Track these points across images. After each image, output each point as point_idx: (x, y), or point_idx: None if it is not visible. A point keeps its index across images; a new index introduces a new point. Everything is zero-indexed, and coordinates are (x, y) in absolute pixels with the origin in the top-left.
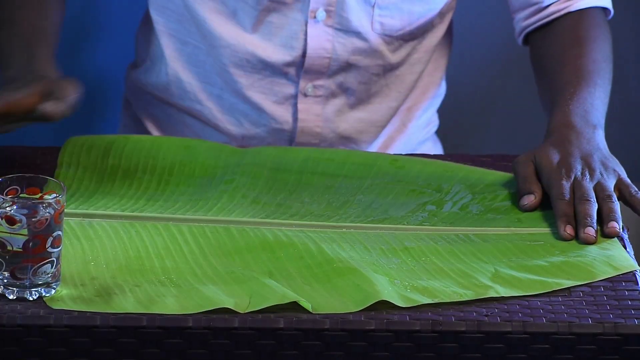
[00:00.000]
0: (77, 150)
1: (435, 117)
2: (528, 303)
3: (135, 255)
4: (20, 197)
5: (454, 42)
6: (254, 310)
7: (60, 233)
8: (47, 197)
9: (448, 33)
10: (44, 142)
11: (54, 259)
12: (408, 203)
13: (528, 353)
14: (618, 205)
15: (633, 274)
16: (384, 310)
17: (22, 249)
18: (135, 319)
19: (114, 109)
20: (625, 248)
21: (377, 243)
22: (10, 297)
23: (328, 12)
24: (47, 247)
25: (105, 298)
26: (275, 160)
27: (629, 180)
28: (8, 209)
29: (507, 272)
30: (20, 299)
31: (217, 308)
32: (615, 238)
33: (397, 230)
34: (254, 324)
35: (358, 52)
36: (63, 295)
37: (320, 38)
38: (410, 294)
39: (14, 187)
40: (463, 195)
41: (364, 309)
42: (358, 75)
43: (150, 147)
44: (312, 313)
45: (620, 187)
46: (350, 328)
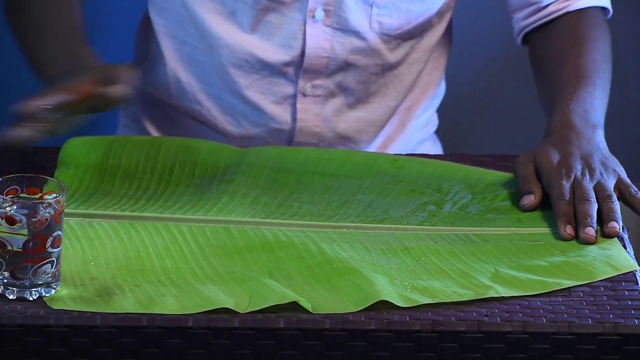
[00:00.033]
0: (77, 150)
1: (435, 116)
2: (528, 303)
3: (135, 255)
4: (20, 197)
5: (454, 41)
6: (254, 310)
7: (60, 233)
8: (47, 197)
9: (447, 33)
10: (44, 142)
11: (54, 259)
12: (408, 203)
13: (528, 353)
14: (618, 205)
15: (633, 274)
16: (384, 310)
17: (22, 249)
18: (135, 319)
19: (115, 109)
20: (625, 248)
21: (377, 243)
22: (10, 297)
23: (326, 11)
24: (47, 247)
25: (105, 298)
26: (276, 160)
27: (629, 180)
28: (8, 209)
29: (507, 272)
30: (20, 299)
31: (217, 308)
32: (615, 238)
33: (397, 230)
34: (254, 324)
35: (357, 51)
36: (63, 295)
37: (319, 38)
38: (410, 294)
39: (14, 187)
40: (463, 195)
41: (364, 309)
42: (357, 75)
43: (150, 147)
44: (312, 313)
45: (620, 187)
46: (350, 328)
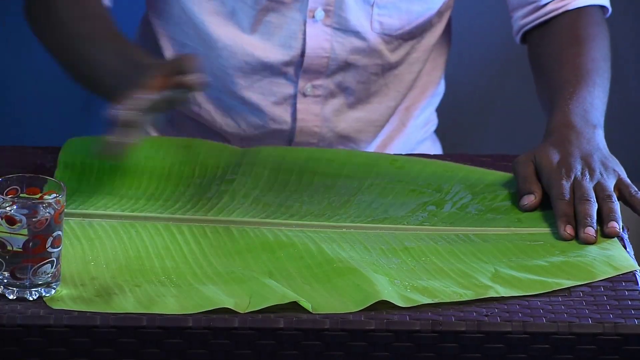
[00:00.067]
0: (77, 150)
1: (434, 116)
2: (528, 303)
3: (135, 255)
4: (20, 197)
5: (454, 41)
6: (254, 310)
7: (60, 233)
8: (47, 197)
9: (446, 32)
10: (44, 142)
11: (54, 259)
12: (408, 203)
13: (528, 353)
14: (618, 205)
15: (633, 274)
16: (384, 310)
17: (22, 249)
18: (135, 319)
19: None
20: (625, 248)
21: (377, 243)
22: (10, 297)
23: (327, 11)
24: (47, 247)
25: (105, 298)
26: (276, 161)
27: (629, 180)
28: (8, 209)
29: (507, 272)
30: (20, 299)
31: (217, 308)
32: (615, 238)
33: (397, 230)
34: (254, 324)
35: (357, 51)
36: (63, 295)
37: (319, 38)
38: (410, 294)
39: (14, 187)
40: (463, 195)
41: (364, 309)
42: (357, 75)
43: (150, 147)
44: (312, 313)
45: (620, 187)
46: (350, 328)
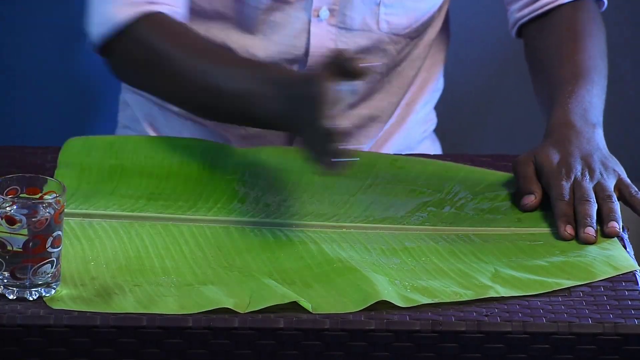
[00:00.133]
0: (77, 150)
1: (434, 114)
2: (528, 303)
3: (135, 255)
4: (20, 197)
5: (452, 41)
6: (254, 310)
7: (60, 233)
8: (47, 197)
9: (445, 27)
10: (44, 142)
11: (54, 259)
12: (408, 203)
13: (528, 353)
14: (618, 205)
15: (633, 274)
16: (384, 310)
17: (22, 249)
18: (135, 319)
19: (114, 109)
20: (625, 248)
21: (377, 243)
22: (10, 297)
23: (331, 10)
24: (47, 247)
25: (105, 298)
26: (275, 160)
27: (629, 180)
28: (8, 209)
29: (507, 272)
30: (20, 299)
31: (217, 308)
32: (615, 238)
33: (397, 230)
34: (254, 324)
35: (362, 50)
36: (63, 295)
37: (323, 37)
38: (410, 294)
39: (14, 187)
40: (463, 196)
41: (364, 309)
42: None
43: (150, 147)
44: (312, 313)
45: (620, 187)
46: (350, 328)
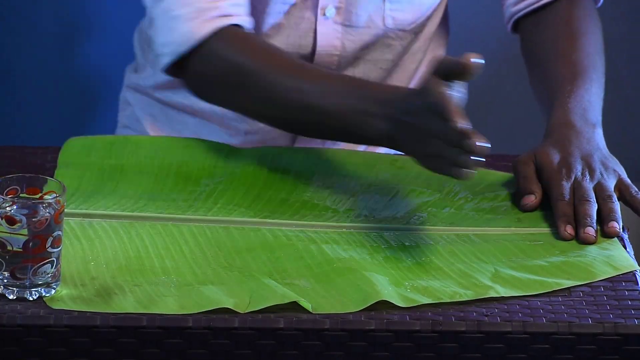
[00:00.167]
0: (77, 150)
1: None
2: (528, 303)
3: (135, 255)
4: (20, 197)
5: (452, 40)
6: (254, 310)
7: (60, 233)
8: (47, 197)
9: (444, 21)
10: (44, 142)
11: (54, 259)
12: (408, 203)
13: (528, 353)
14: (618, 206)
15: (633, 274)
16: (384, 310)
17: (22, 249)
18: (135, 319)
19: (114, 109)
20: (625, 248)
21: (377, 243)
22: (10, 297)
23: (338, 8)
24: (47, 247)
25: (105, 298)
26: (275, 160)
27: (629, 181)
28: (8, 209)
29: (507, 272)
30: (20, 299)
31: (217, 308)
32: (615, 238)
33: (397, 230)
34: (254, 324)
35: (367, 47)
36: (63, 295)
37: (330, 36)
38: (410, 294)
39: (14, 187)
40: (463, 196)
41: (364, 309)
42: (366, 70)
43: (150, 147)
44: (312, 313)
45: (621, 187)
46: (350, 328)
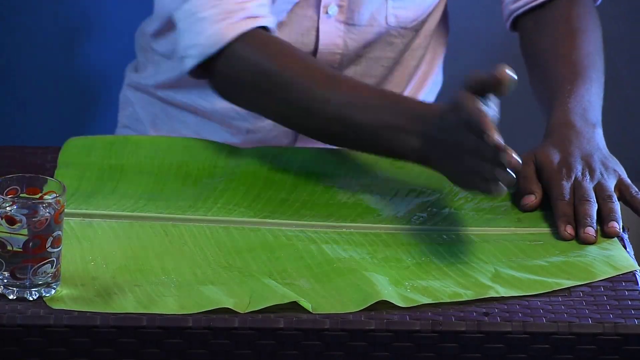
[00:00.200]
0: (77, 150)
1: None
2: (528, 303)
3: (135, 255)
4: (20, 197)
5: (452, 40)
6: (254, 310)
7: (60, 233)
8: (47, 197)
9: (444, 18)
10: (44, 142)
11: (54, 259)
12: (408, 203)
13: (528, 353)
14: (618, 206)
15: (633, 274)
16: (384, 310)
17: (22, 249)
18: (135, 319)
19: (114, 109)
20: (625, 248)
21: (377, 243)
22: (10, 297)
23: (340, 7)
24: (47, 247)
25: (105, 298)
26: (275, 160)
27: (629, 181)
28: (8, 209)
29: (507, 272)
30: (20, 299)
31: (217, 308)
32: (615, 238)
33: (397, 230)
34: (254, 324)
35: (369, 45)
36: (63, 295)
37: (332, 34)
38: (410, 294)
39: (14, 187)
40: (463, 196)
41: (364, 309)
42: (368, 67)
43: (150, 147)
44: (312, 313)
45: (621, 187)
46: (350, 328)
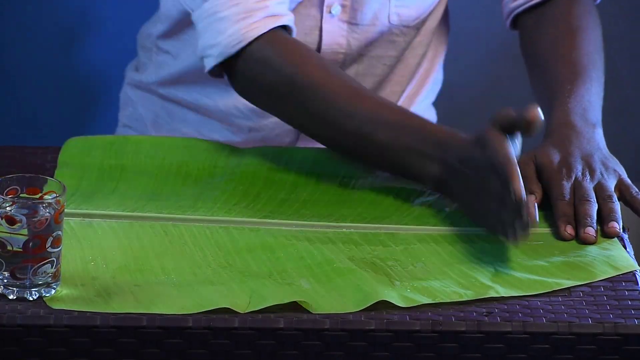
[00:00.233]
0: (77, 150)
1: (433, 111)
2: (528, 303)
3: (135, 255)
4: (20, 197)
5: (452, 40)
6: (254, 310)
7: (60, 233)
8: (47, 197)
9: (445, 16)
10: (44, 142)
11: (54, 259)
12: (408, 203)
13: (528, 353)
14: (618, 206)
15: (633, 274)
16: (384, 310)
17: (22, 249)
18: (135, 319)
19: (114, 109)
20: (625, 248)
21: (376, 243)
22: (10, 297)
23: (343, 6)
24: (47, 247)
25: (105, 298)
26: (275, 160)
27: (630, 181)
28: (8, 209)
29: (507, 272)
30: (20, 299)
31: (217, 308)
32: (615, 238)
33: (396, 230)
34: (254, 324)
35: (372, 44)
36: (63, 295)
37: (335, 34)
38: (410, 294)
39: (14, 187)
40: None
41: (364, 309)
42: (370, 66)
43: (150, 147)
44: (312, 313)
45: (621, 187)
46: (350, 328)
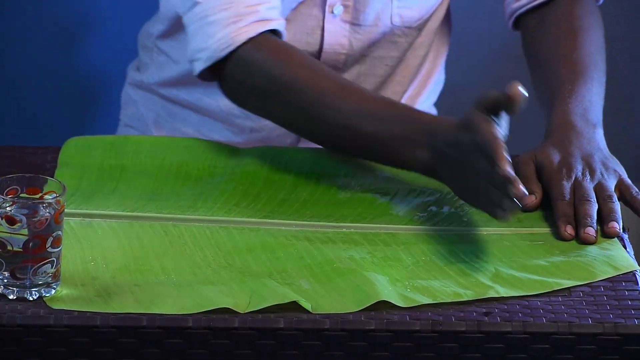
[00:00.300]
0: (77, 150)
1: (435, 113)
2: (528, 303)
3: (135, 255)
4: (20, 197)
5: (453, 40)
6: (254, 310)
7: (60, 233)
8: (47, 197)
9: (447, 17)
10: (44, 142)
11: (54, 259)
12: (408, 203)
13: (528, 353)
14: (618, 206)
15: (633, 274)
16: (384, 310)
17: (22, 249)
18: (135, 319)
19: (114, 109)
20: (625, 248)
21: (377, 243)
22: (10, 297)
23: (346, 6)
24: (47, 247)
25: (105, 298)
26: (275, 160)
27: (630, 181)
28: (8, 209)
29: (507, 272)
30: (20, 299)
31: (217, 308)
32: (616, 238)
33: (397, 230)
34: (254, 324)
35: (374, 44)
36: (63, 295)
37: (337, 34)
38: (410, 294)
39: (14, 187)
40: None
41: (364, 309)
42: (372, 67)
43: (150, 147)
44: (312, 313)
45: (621, 187)
46: (350, 328)
